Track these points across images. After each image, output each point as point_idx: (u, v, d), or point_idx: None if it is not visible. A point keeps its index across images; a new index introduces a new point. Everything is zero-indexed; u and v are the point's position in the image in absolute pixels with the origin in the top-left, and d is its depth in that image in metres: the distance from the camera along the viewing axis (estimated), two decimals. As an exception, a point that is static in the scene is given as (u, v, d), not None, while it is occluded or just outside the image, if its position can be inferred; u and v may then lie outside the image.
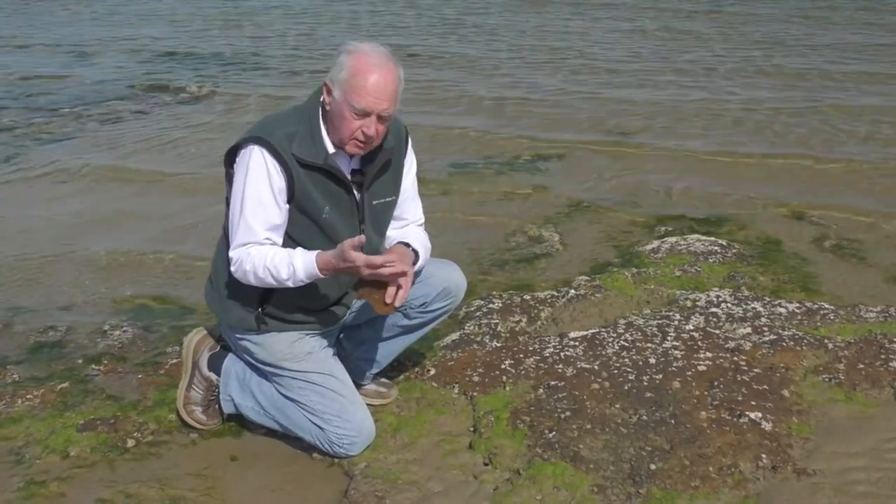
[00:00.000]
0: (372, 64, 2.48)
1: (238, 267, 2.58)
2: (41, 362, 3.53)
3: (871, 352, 3.27)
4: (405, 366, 3.28)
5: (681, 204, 5.46)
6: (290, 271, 2.50)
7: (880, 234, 4.86)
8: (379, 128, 2.54)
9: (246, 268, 2.55)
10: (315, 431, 2.75)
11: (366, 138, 2.54)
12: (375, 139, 2.58)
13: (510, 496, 2.54)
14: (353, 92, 2.47)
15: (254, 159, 2.53)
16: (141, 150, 6.85)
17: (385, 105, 2.50)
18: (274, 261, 2.51)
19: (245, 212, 2.55)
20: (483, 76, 9.49)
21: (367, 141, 2.56)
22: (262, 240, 2.56)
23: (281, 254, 2.53)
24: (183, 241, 4.94)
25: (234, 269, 2.60)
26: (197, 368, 2.97)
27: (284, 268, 2.51)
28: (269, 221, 2.56)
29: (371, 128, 2.52)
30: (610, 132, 7.15)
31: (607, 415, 2.88)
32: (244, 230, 2.56)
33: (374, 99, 2.48)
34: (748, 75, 9.30)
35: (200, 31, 13.17)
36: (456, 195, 5.62)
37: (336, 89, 2.52)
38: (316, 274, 2.50)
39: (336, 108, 2.53)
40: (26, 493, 2.65)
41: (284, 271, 2.51)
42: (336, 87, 2.52)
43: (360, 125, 2.51)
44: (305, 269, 2.50)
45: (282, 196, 2.56)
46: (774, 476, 2.60)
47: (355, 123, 2.51)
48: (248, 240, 2.56)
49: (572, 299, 3.88)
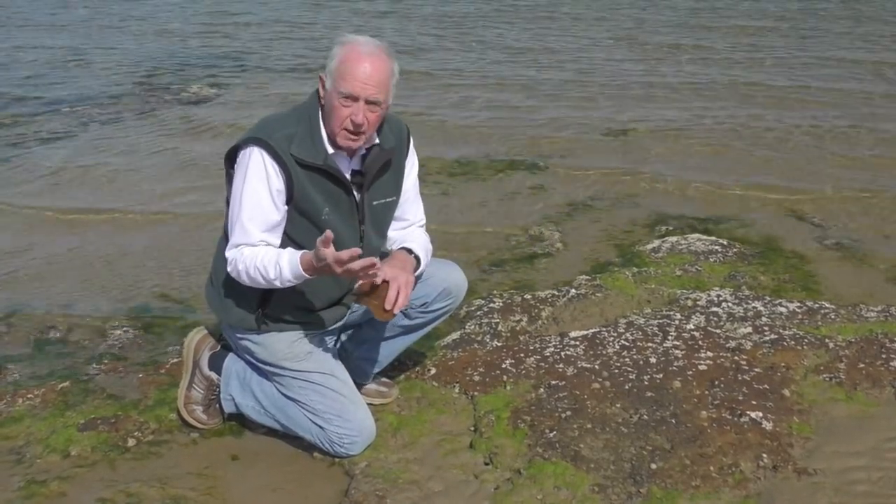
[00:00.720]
0: (361, 52, 2.49)
1: (233, 267, 2.58)
2: (42, 361, 3.54)
3: (872, 351, 3.27)
4: (406, 365, 3.28)
5: (681, 203, 5.46)
6: (277, 271, 2.49)
7: (881, 233, 4.86)
8: (369, 115, 2.52)
9: (239, 268, 2.56)
10: (316, 431, 2.75)
11: (355, 127, 2.52)
12: (366, 129, 2.54)
13: (511, 496, 2.54)
14: (341, 77, 2.48)
15: (253, 160, 2.53)
16: (141, 150, 6.85)
17: (372, 91, 2.49)
18: (263, 261, 2.51)
19: (242, 213, 2.55)
20: (484, 75, 9.48)
21: (357, 130, 2.53)
22: (257, 241, 2.56)
23: (270, 254, 2.52)
24: (184, 240, 4.94)
25: (230, 269, 2.60)
26: (198, 368, 2.97)
27: (272, 268, 2.50)
28: (265, 223, 2.56)
29: (359, 115, 2.49)
30: (611, 131, 7.15)
31: (608, 414, 2.88)
32: (240, 231, 2.57)
33: (360, 84, 2.47)
34: (749, 73, 9.29)
35: (201, 30, 13.17)
36: (456, 194, 5.62)
37: (328, 80, 2.53)
38: (301, 274, 2.47)
39: (328, 99, 2.54)
40: (27, 492, 2.65)
41: (272, 271, 2.50)
42: (328, 77, 2.53)
43: (349, 113, 2.50)
44: (291, 268, 2.48)
45: (280, 197, 2.56)
46: (775, 475, 2.60)
47: (344, 111, 2.50)
48: (242, 241, 2.56)
49: (573, 299, 3.88)
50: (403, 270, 2.58)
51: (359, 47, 2.51)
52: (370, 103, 2.50)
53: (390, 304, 2.50)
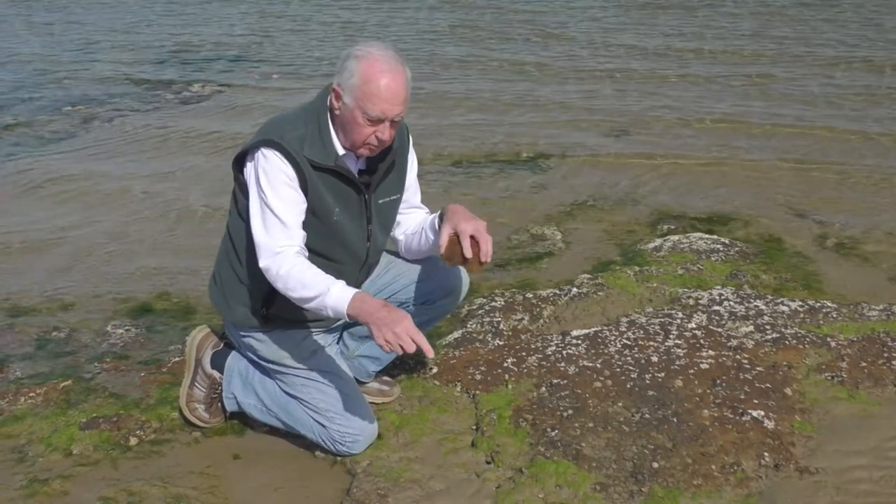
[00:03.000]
0: (383, 70, 2.47)
1: (275, 273, 2.50)
2: (44, 360, 3.54)
3: (874, 350, 3.27)
4: (407, 364, 3.28)
5: (683, 202, 5.45)
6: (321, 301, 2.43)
7: (883, 232, 4.85)
8: (391, 132, 2.55)
9: (281, 272, 2.48)
10: (318, 429, 2.75)
11: (379, 143, 2.56)
12: (388, 143, 2.59)
13: (512, 494, 2.54)
14: (366, 99, 2.46)
15: (270, 162, 2.52)
16: (142, 150, 6.85)
17: (398, 110, 2.51)
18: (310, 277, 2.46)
19: (278, 214, 2.49)
20: (484, 75, 9.48)
21: (381, 145, 2.58)
22: (300, 240, 2.53)
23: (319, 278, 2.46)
24: (185, 239, 4.94)
25: (271, 274, 2.50)
26: (200, 366, 2.98)
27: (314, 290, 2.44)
28: (299, 222, 2.54)
29: (385, 133, 2.53)
30: (612, 131, 7.15)
31: (609, 413, 2.88)
32: (280, 232, 2.50)
33: (387, 105, 2.47)
34: (749, 75, 9.28)
35: (203, 29, 13.17)
36: (458, 194, 5.62)
37: (347, 96, 2.50)
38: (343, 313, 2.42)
39: (348, 114, 2.52)
40: (29, 490, 2.66)
41: (316, 289, 2.44)
42: (346, 93, 2.50)
43: (374, 131, 2.52)
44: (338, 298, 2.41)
45: (301, 196, 2.56)
46: (777, 474, 2.60)
47: (368, 130, 2.52)
48: (284, 242, 2.50)
49: (575, 297, 3.88)
50: (466, 219, 2.59)
51: (378, 63, 2.47)
52: (394, 121, 2.53)
53: (485, 255, 2.57)
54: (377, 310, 2.38)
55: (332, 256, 2.67)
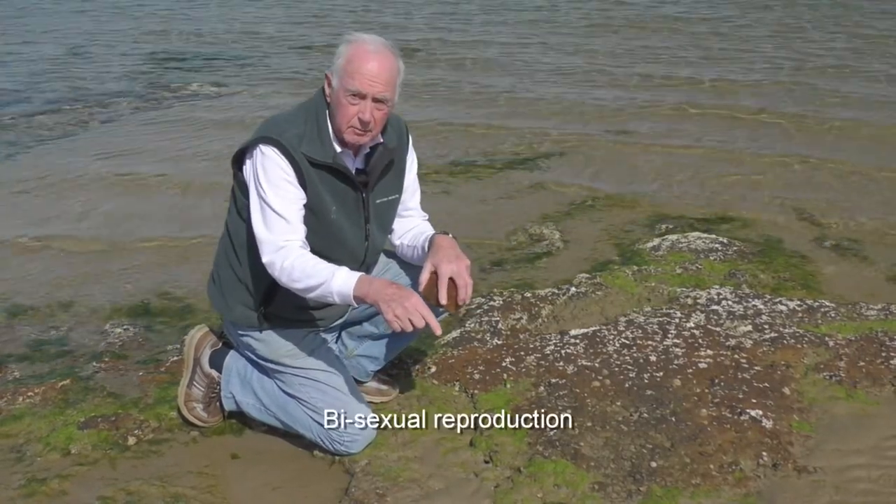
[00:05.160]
0: (368, 50, 2.50)
1: (279, 268, 2.50)
2: (42, 360, 3.54)
3: (872, 349, 3.27)
4: (406, 363, 3.28)
5: (682, 201, 5.46)
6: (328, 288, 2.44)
7: (881, 232, 4.86)
8: (376, 113, 2.53)
9: (285, 265, 2.49)
10: (316, 429, 2.75)
11: (362, 124, 2.53)
12: (373, 126, 2.56)
13: (511, 494, 2.54)
14: (348, 75, 2.48)
15: (268, 159, 2.52)
16: (141, 149, 6.85)
17: (380, 88, 2.49)
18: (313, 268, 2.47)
19: (277, 210, 2.50)
20: (484, 73, 9.48)
21: (364, 127, 2.54)
22: (302, 234, 2.53)
23: (321, 267, 2.47)
24: (184, 238, 4.94)
25: (275, 269, 2.51)
26: (198, 365, 2.97)
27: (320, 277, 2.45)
28: (300, 210, 2.54)
29: (367, 112, 2.50)
30: (611, 130, 7.15)
31: (608, 412, 2.88)
32: (282, 227, 2.50)
33: (368, 81, 2.47)
34: (748, 73, 9.29)
35: (201, 30, 13.16)
36: (456, 193, 5.62)
37: (334, 78, 2.53)
38: (349, 297, 2.43)
39: (335, 96, 2.54)
40: (27, 490, 2.66)
41: (320, 277, 2.45)
42: (334, 75, 2.53)
43: (357, 110, 2.51)
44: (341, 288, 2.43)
45: (301, 193, 2.56)
46: (775, 474, 2.60)
47: (351, 109, 2.51)
48: (288, 236, 2.50)
49: (573, 297, 3.88)
50: (448, 259, 2.55)
51: (366, 45, 2.51)
52: (377, 101, 2.51)
53: (461, 300, 2.54)
54: (385, 287, 2.41)
55: (330, 256, 2.66)
